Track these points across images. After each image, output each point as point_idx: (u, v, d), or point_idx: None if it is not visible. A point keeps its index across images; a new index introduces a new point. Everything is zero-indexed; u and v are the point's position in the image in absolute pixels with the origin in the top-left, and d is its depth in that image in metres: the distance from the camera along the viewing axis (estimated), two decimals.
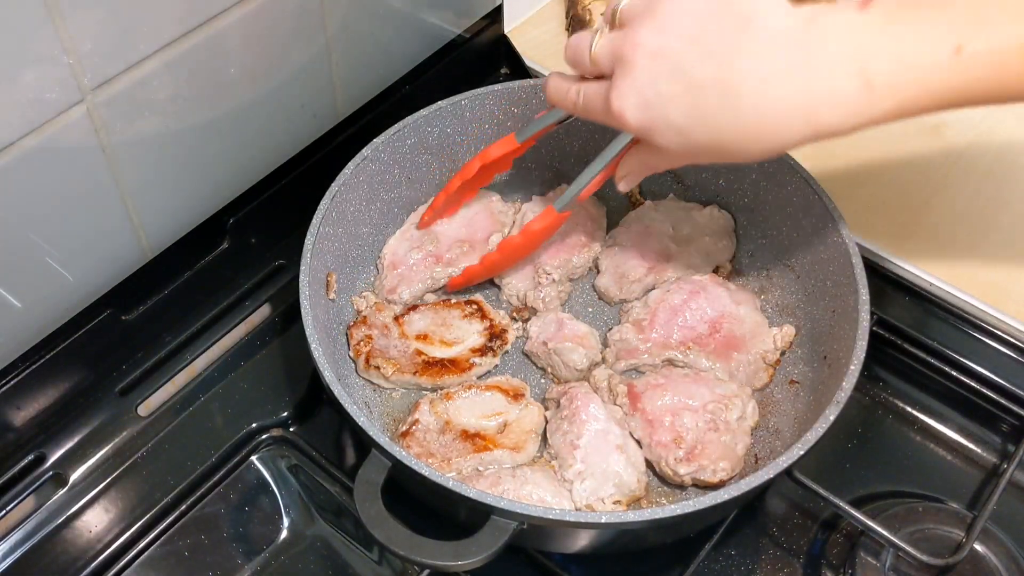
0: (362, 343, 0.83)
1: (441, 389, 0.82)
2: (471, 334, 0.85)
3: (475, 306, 0.87)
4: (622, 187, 0.78)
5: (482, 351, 0.84)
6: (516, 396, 0.80)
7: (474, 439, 0.77)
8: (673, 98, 0.63)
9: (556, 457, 0.76)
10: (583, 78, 0.72)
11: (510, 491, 0.72)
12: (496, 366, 0.85)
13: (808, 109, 0.61)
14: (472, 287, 0.91)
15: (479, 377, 0.84)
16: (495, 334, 0.85)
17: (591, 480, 0.74)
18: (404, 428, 0.78)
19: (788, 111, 0.62)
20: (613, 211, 0.96)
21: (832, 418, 0.69)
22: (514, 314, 0.89)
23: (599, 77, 0.70)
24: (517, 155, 0.87)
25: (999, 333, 0.87)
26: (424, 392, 0.83)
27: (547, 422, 0.80)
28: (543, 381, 0.85)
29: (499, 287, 0.91)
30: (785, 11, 0.61)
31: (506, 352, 0.86)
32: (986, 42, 0.59)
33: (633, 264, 0.90)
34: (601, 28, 0.68)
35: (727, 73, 0.61)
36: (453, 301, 0.88)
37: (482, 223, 0.93)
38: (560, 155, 0.97)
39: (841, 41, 0.60)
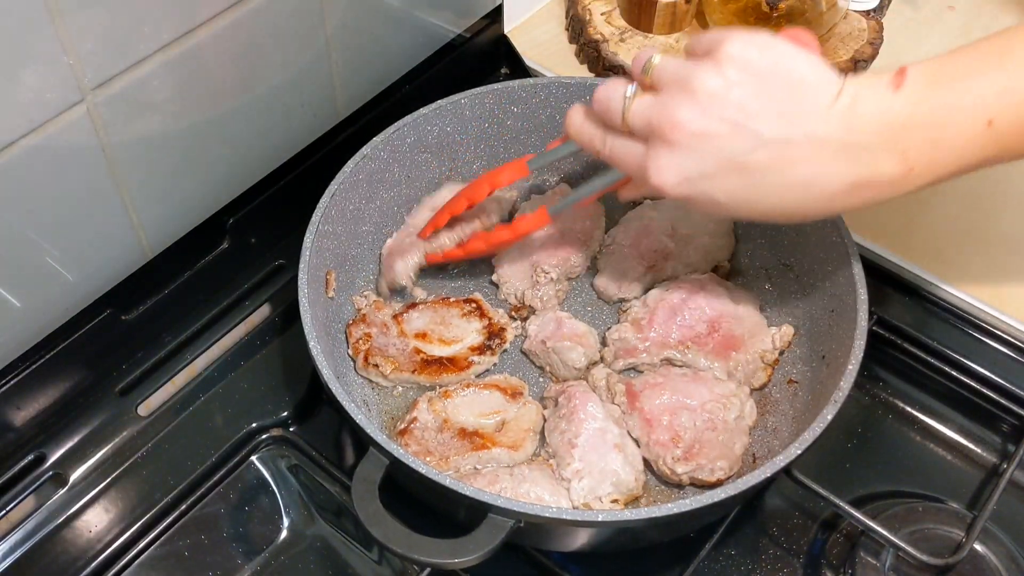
0: (361, 341, 0.83)
1: (440, 387, 0.82)
2: (470, 333, 0.85)
3: (474, 304, 0.87)
4: (623, 199, 0.79)
5: (481, 350, 0.84)
6: (514, 395, 0.80)
7: (472, 437, 0.77)
8: (717, 179, 0.64)
9: (554, 456, 0.76)
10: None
11: (508, 489, 0.72)
12: (495, 364, 0.85)
13: (853, 188, 0.63)
14: (469, 287, 0.91)
15: (478, 376, 0.84)
16: (494, 333, 0.85)
17: (589, 479, 0.74)
18: (402, 426, 0.78)
19: (834, 192, 0.63)
20: (612, 210, 0.96)
21: (830, 417, 0.69)
22: (512, 313, 0.89)
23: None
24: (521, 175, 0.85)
25: (999, 333, 0.87)
26: (423, 390, 0.83)
27: (545, 421, 0.80)
28: (541, 380, 0.86)
29: (497, 286, 0.91)
30: (828, 98, 0.61)
31: (505, 351, 0.86)
32: (1016, 112, 0.61)
33: (632, 263, 0.90)
34: (636, 88, 0.67)
35: (773, 160, 0.62)
36: (452, 300, 0.88)
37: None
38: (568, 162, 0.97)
39: (881, 131, 0.61)
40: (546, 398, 0.82)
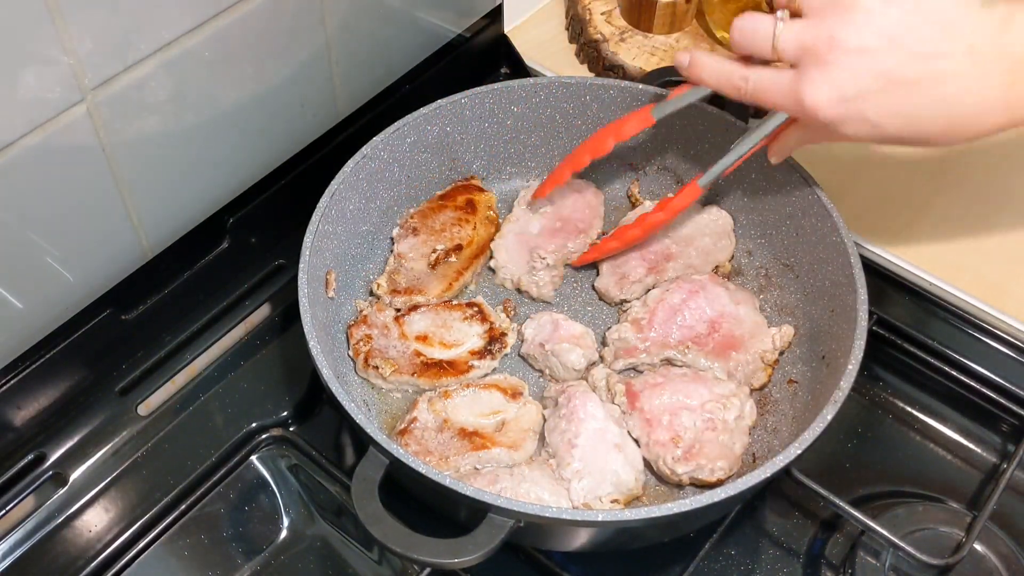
0: (361, 342, 0.83)
1: (439, 388, 0.82)
2: (471, 336, 0.85)
3: (476, 308, 0.87)
4: (774, 160, 0.79)
5: (481, 354, 0.84)
6: (514, 395, 0.80)
7: (472, 437, 0.77)
8: (872, 95, 0.65)
9: (554, 456, 0.76)
10: (746, 60, 0.72)
11: (507, 489, 0.72)
12: (495, 369, 0.85)
13: (1008, 103, 0.64)
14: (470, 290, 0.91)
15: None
16: (494, 337, 0.85)
17: (588, 479, 0.74)
18: (402, 426, 0.78)
19: (988, 107, 0.65)
20: (612, 211, 0.96)
21: (830, 417, 0.69)
22: (506, 309, 0.88)
23: (765, 62, 0.70)
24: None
25: (999, 333, 0.87)
26: (423, 392, 0.83)
27: (545, 421, 0.80)
28: (541, 380, 0.85)
29: (494, 271, 0.91)
30: (979, 15, 0.63)
31: (505, 355, 0.86)
32: None
33: (633, 264, 0.90)
34: (781, 16, 0.68)
35: (930, 74, 0.64)
36: (454, 303, 0.88)
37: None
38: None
39: None
40: (546, 398, 0.82)
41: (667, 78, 0.96)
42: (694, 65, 0.74)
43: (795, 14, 0.68)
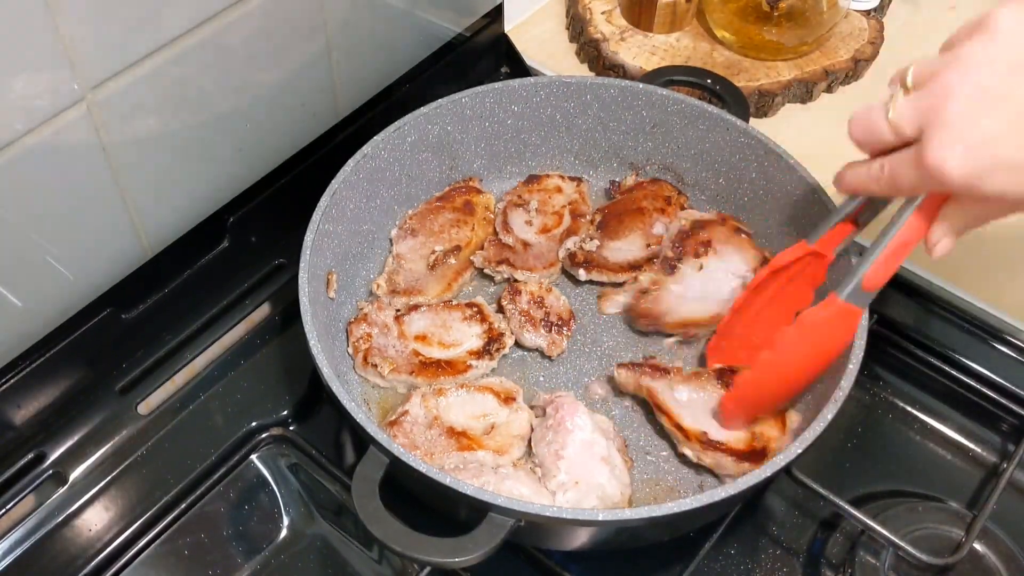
0: (361, 340, 0.83)
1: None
2: (470, 337, 0.85)
3: (475, 309, 0.87)
4: (937, 253, 0.68)
5: (479, 354, 0.84)
6: (507, 399, 0.80)
7: (459, 437, 0.77)
8: (1001, 133, 0.58)
9: (540, 466, 0.76)
10: (880, 155, 0.66)
11: (490, 483, 0.72)
12: (493, 369, 0.85)
13: None
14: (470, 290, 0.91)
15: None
16: (493, 337, 0.85)
17: (574, 491, 0.72)
18: (392, 417, 0.78)
19: None
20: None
21: (830, 417, 0.69)
22: (503, 301, 0.88)
23: (895, 149, 0.65)
24: (817, 260, 0.77)
25: (999, 333, 0.87)
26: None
27: (532, 430, 0.79)
28: (536, 387, 0.85)
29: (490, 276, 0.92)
30: None
31: (504, 356, 0.86)
32: None
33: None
34: (893, 95, 0.63)
35: None
36: (454, 303, 0.88)
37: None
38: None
39: None
40: (534, 407, 0.81)
41: (667, 77, 0.96)
42: (839, 180, 0.71)
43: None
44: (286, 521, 0.81)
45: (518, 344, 0.87)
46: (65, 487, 0.79)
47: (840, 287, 0.70)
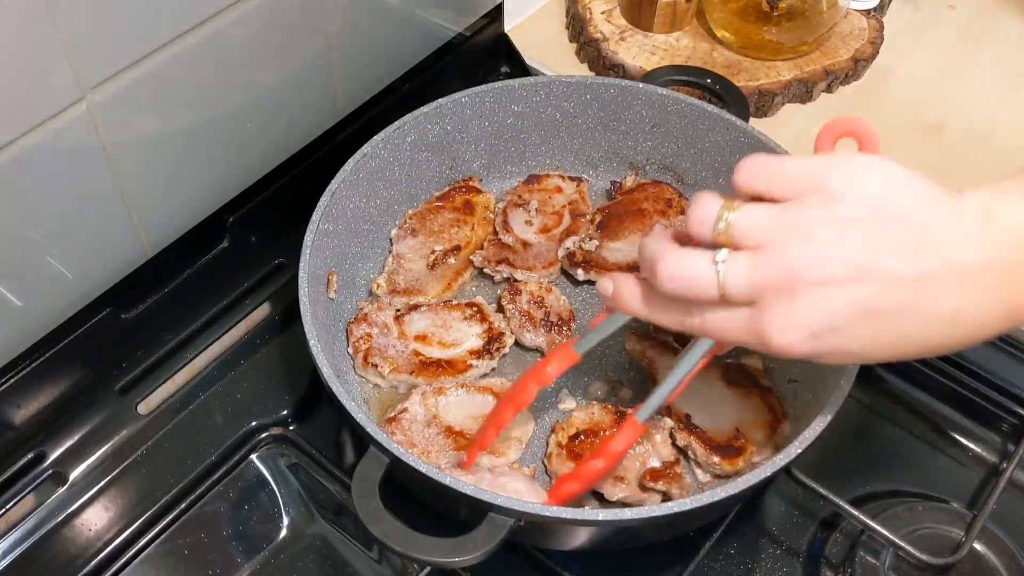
0: (361, 340, 0.83)
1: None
2: (470, 336, 0.85)
3: (475, 308, 0.87)
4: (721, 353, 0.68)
5: (479, 354, 0.84)
6: None
7: (457, 437, 0.77)
8: (848, 328, 0.54)
9: None
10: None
11: (485, 480, 0.72)
12: (493, 369, 0.85)
13: (1011, 310, 0.55)
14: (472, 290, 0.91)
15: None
16: (493, 337, 0.85)
17: None
18: (391, 414, 0.78)
19: (986, 320, 0.55)
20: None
21: (830, 417, 0.69)
22: (503, 301, 0.88)
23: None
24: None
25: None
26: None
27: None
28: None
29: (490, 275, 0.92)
30: (950, 217, 0.54)
31: (504, 355, 0.86)
32: None
33: None
34: (721, 257, 0.56)
35: (914, 299, 0.53)
36: (454, 303, 0.88)
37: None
38: None
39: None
40: None
41: (667, 77, 0.96)
42: (619, 297, 0.63)
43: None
44: (286, 521, 0.81)
45: (518, 344, 0.87)
46: (65, 487, 0.79)
47: (640, 412, 0.69)
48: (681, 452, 0.79)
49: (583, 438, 0.77)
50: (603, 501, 0.76)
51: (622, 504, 0.75)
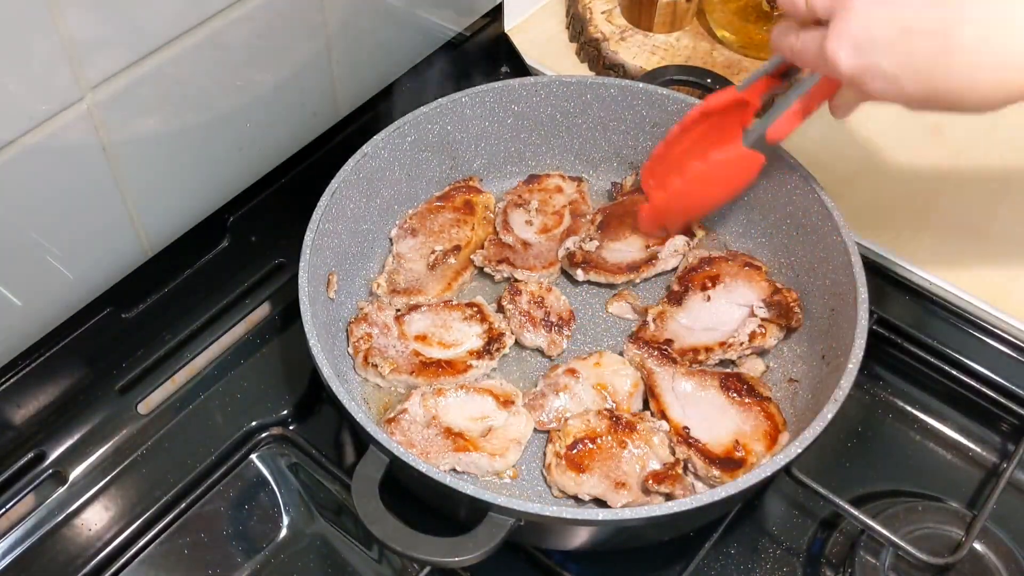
0: (361, 340, 0.83)
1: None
2: (470, 337, 0.85)
3: (475, 308, 0.87)
4: (838, 117, 0.75)
5: (479, 354, 0.84)
6: (506, 402, 0.80)
7: (456, 438, 0.77)
8: (886, 45, 0.63)
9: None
10: (804, 25, 0.70)
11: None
12: (493, 369, 0.85)
13: None
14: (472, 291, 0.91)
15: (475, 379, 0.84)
16: (493, 337, 0.85)
17: None
18: (391, 415, 0.78)
19: (1008, 66, 0.61)
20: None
21: (830, 417, 0.69)
22: (503, 301, 0.88)
23: (818, 23, 0.68)
24: (745, 106, 0.80)
25: (999, 333, 0.87)
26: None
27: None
28: (535, 389, 0.84)
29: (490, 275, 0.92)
30: None
31: (504, 355, 0.86)
32: None
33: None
34: None
35: (946, 24, 0.61)
36: (454, 303, 0.88)
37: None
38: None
39: None
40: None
41: (667, 77, 0.96)
42: (772, 37, 0.75)
43: None
44: (286, 521, 0.81)
45: (518, 344, 0.87)
46: (65, 486, 0.79)
47: (746, 135, 0.77)
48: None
49: (581, 446, 0.77)
50: (605, 508, 0.75)
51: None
